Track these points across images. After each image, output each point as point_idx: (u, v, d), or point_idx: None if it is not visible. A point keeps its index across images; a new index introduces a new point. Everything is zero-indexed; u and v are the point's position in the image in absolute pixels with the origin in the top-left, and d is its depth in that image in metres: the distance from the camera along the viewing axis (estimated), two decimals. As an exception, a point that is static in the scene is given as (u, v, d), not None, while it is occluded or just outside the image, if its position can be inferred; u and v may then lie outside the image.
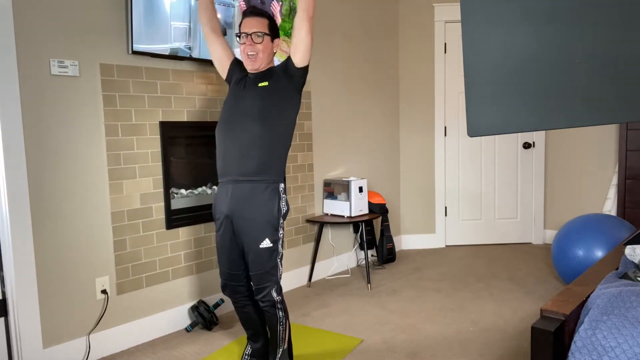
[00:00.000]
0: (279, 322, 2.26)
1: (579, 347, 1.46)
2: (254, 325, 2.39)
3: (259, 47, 2.23)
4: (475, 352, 2.59)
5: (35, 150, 2.38)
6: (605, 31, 0.65)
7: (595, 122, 0.68)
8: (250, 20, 2.25)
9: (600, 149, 4.51)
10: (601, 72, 0.66)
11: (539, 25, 0.69)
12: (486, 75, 0.74)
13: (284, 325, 2.28)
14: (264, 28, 2.24)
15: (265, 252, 2.21)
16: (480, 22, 0.73)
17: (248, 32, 2.23)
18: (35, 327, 2.40)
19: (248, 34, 2.23)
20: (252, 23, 2.24)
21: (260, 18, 2.25)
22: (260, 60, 2.25)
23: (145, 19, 2.65)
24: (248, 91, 2.27)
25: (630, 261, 2.01)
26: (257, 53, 2.23)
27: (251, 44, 2.23)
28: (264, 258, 2.21)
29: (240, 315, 2.39)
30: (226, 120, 2.28)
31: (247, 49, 2.23)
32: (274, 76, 2.26)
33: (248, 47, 2.23)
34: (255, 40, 2.22)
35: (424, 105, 4.70)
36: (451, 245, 4.85)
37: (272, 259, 2.23)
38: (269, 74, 2.28)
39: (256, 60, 2.24)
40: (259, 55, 2.24)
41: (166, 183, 2.88)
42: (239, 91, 2.29)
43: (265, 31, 2.24)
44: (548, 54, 0.69)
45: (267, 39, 2.25)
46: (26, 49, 2.33)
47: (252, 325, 2.39)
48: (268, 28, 2.26)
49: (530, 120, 0.72)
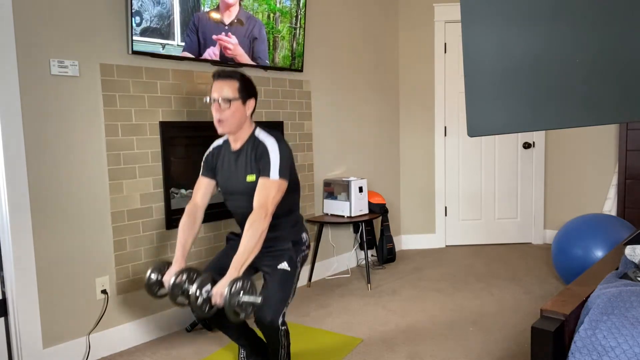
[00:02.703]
0: (281, 346, 2.21)
1: (579, 347, 1.46)
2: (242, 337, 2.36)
3: (226, 113, 2.14)
4: (475, 352, 2.59)
5: (35, 150, 2.38)
6: (605, 31, 0.65)
7: (595, 122, 0.68)
8: (218, 83, 2.16)
9: (600, 149, 4.51)
10: (601, 72, 0.66)
11: (539, 25, 0.69)
12: (486, 75, 0.74)
13: (285, 348, 2.24)
14: (233, 92, 2.14)
15: (281, 272, 2.20)
16: (480, 22, 0.73)
17: (215, 97, 2.15)
18: (35, 327, 2.40)
19: (215, 99, 2.15)
20: (220, 87, 2.15)
21: (229, 81, 2.15)
22: (229, 125, 2.17)
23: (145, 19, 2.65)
24: (235, 181, 2.23)
25: (630, 261, 2.01)
26: (226, 119, 2.15)
27: (218, 110, 2.14)
28: (278, 277, 2.19)
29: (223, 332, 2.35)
30: (224, 191, 2.31)
31: (215, 115, 2.16)
32: (253, 161, 2.18)
33: (216, 113, 2.15)
34: (222, 106, 2.13)
35: (424, 105, 4.70)
36: (451, 245, 4.85)
37: (286, 283, 2.20)
38: (249, 154, 2.20)
39: (224, 126, 2.16)
40: (228, 120, 2.15)
41: (166, 183, 2.88)
42: (226, 172, 2.26)
43: (234, 96, 2.14)
44: (548, 54, 0.69)
45: (236, 104, 2.15)
46: (26, 49, 2.33)
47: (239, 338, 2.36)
48: (238, 91, 2.16)
49: (530, 120, 0.72)
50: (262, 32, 3.27)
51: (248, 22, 3.17)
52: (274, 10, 3.32)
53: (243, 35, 3.15)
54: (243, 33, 3.15)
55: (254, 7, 3.19)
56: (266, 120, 3.45)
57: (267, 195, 2.08)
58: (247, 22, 3.16)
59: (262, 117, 3.42)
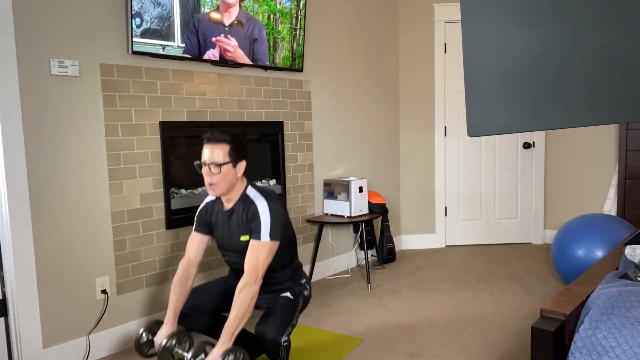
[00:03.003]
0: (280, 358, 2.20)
1: (579, 347, 1.46)
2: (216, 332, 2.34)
3: (218, 177, 2.13)
4: (475, 352, 2.59)
5: (35, 150, 2.38)
6: (605, 31, 0.65)
7: (595, 122, 0.68)
8: (208, 147, 2.15)
9: (600, 149, 4.51)
10: (601, 72, 0.66)
11: (539, 25, 0.69)
12: (486, 75, 0.74)
13: None
14: (223, 156, 2.13)
15: (284, 299, 2.23)
16: (480, 22, 0.73)
17: (206, 162, 2.14)
18: (35, 327, 2.40)
19: (206, 164, 2.14)
20: (210, 151, 2.14)
21: (219, 145, 2.14)
22: (220, 189, 2.16)
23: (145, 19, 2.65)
24: (229, 240, 2.24)
25: (630, 261, 2.01)
26: (217, 182, 2.14)
27: (209, 174, 2.13)
28: (281, 302, 2.22)
29: None
30: (221, 248, 2.33)
31: (206, 179, 2.15)
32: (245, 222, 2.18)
33: (206, 177, 2.15)
34: (213, 171, 2.12)
35: (424, 105, 4.70)
36: (451, 245, 4.85)
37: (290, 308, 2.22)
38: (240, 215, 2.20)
39: (216, 190, 2.16)
40: (220, 184, 2.15)
41: (166, 183, 2.88)
42: (220, 230, 2.27)
43: (224, 160, 2.13)
44: (548, 54, 0.69)
45: (226, 167, 2.14)
46: (26, 49, 2.33)
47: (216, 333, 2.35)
48: (229, 155, 2.15)
49: (530, 120, 0.72)
50: (262, 33, 3.27)
51: (248, 24, 3.17)
52: (274, 11, 3.32)
53: (243, 37, 3.15)
54: (243, 34, 3.15)
55: (254, 8, 3.19)
56: (266, 120, 3.45)
57: (257, 259, 2.09)
58: (247, 24, 3.16)
59: (262, 117, 3.42)
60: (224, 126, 3.16)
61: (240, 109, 3.28)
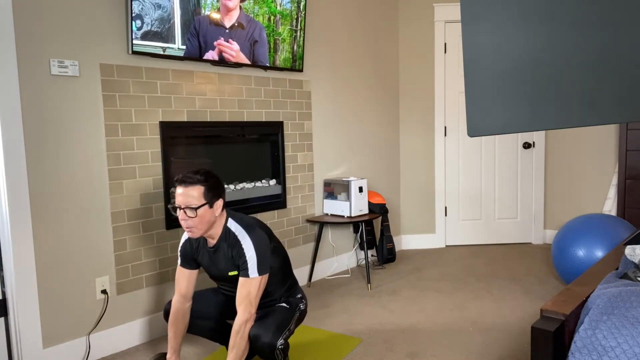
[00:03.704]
0: None
1: (579, 347, 1.46)
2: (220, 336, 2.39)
3: (195, 221, 2.06)
4: (475, 352, 2.59)
5: (35, 150, 2.38)
6: (606, 31, 0.65)
7: (595, 122, 0.68)
8: (182, 191, 2.06)
9: (600, 149, 4.51)
10: (601, 72, 0.66)
11: (539, 25, 0.69)
12: (486, 75, 0.74)
13: None
14: (198, 198, 2.05)
15: (281, 307, 2.26)
16: (480, 22, 0.73)
17: (180, 206, 2.06)
18: (35, 327, 2.40)
19: (181, 208, 2.06)
20: (185, 195, 2.05)
21: (194, 187, 2.05)
22: (199, 231, 2.10)
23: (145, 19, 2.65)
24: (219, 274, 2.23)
25: (630, 261, 2.01)
26: (195, 225, 2.07)
27: (184, 218, 2.06)
28: (278, 310, 2.24)
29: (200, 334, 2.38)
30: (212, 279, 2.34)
31: (183, 223, 2.08)
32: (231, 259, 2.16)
33: (182, 221, 2.08)
34: (189, 214, 2.05)
35: (424, 105, 4.70)
36: (451, 245, 4.85)
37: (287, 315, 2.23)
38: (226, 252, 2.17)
39: (194, 232, 2.09)
40: (197, 227, 2.08)
41: (166, 183, 2.88)
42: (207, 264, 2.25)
43: (200, 203, 2.05)
44: (548, 54, 0.69)
45: (202, 210, 2.06)
46: (26, 49, 2.33)
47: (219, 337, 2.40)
48: (204, 196, 2.06)
49: (530, 120, 0.72)
50: (263, 35, 3.27)
51: (249, 26, 3.17)
52: (274, 13, 3.32)
53: (244, 39, 3.15)
54: (244, 37, 3.15)
55: (255, 10, 3.18)
56: (266, 120, 3.45)
57: (249, 295, 2.09)
58: (247, 26, 3.16)
59: (262, 117, 3.42)
60: (224, 126, 3.16)
61: (240, 109, 3.28)
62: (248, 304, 2.08)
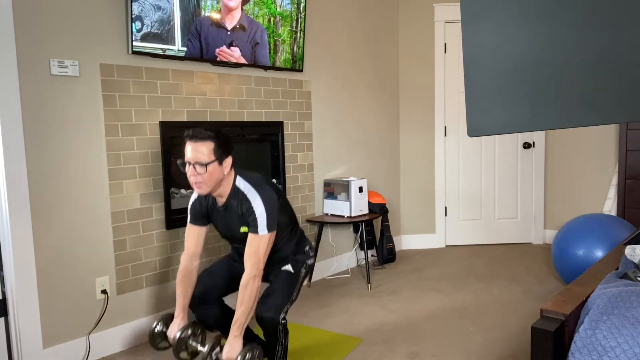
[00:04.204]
0: (279, 342, 2.22)
1: (579, 347, 1.46)
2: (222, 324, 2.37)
3: (204, 176, 2.05)
4: (475, 352, 2.59)
5: (35, 150, 2.38)
6: (605, 31, 0.65)
7: (595, 122, 0.68)
8: (192, 146, 2.05)
9: (600, 149, 4.51)
10: (601, 72, 0.66)
11: (539, 25, 0.69)
12: (486, 75, 0.74)
13: (283, 346, 2.25)
14: (208, 154, 2.04)
15: (285, 273, 2.25)
16: (480, 22, 0.73)
17: (190, 161, 2.05)
18: (35, 327, 2.40)
19: (190, 163, 2.05)
20: (195, 150, 2.04)
21: (203, 142, 2.04)
22: (207, 187, 2.08)
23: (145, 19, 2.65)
24: (231, 232, 2.23)
25: (630, 261, 2.01)
26: (204, 181, 2.06)
27: (194, 174, 2.05)
28: (282, 277, 2.24)
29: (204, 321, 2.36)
30: (225, 238, 2.34)
31: (192, 178, 2.07)
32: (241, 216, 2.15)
33: (191, 176, 2.06)
34: (198, 171, 2.04)
35: (424, 105, 4.70)
36: (451, 245, 4.85)
37: (290, 284, 2.24)
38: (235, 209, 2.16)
39: (202, 188, 2.08)
40: (206, 183, 2.07)
41: (166, 183, 2.88)
42: (219, 222, 2.25)
43: (209, 159, 2.03)
44: (548, 54, 0.69)
45: (212, 166, 2.04)
46: (26, 49, 2.33)
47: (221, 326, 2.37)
48: (214, 152, 2.05)
49: (530, 120, 0.72)
50: (264, 37, 3.27)
51: (250, 27, 3.16)
52: (274, 14, 3.32)
53: (245, 41, 3.15)
54: (245, 39, 3.15)
55: (255, 12, 3.18)
56: (266, 120, 3.45)
57: (257, 252, 2.10)
58: (249, 28, 3.16)
59: (262, 117, 3.42)
60: (224, 126, 3.16)
61: (240, 109, 3.28)
62: (256, 261, 2.08)
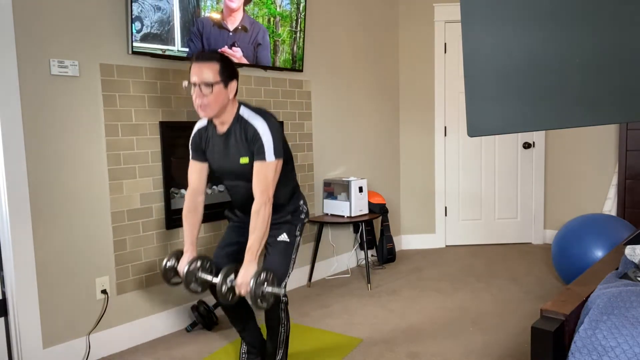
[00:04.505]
0: (281, 324, 2.25)
1: (579, 347, 1.46)
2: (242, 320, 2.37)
3: (209, 98, 2.03)
4: (475, 352, 2.59)
5: (35, 150, 2.38)
6: (605, 32, 0.65)
7: (594, 122, 0.68)
8: (197, 67, 2.03)
9: (600, 149, 4.51)
10: (601, 73, 0.66)
11: (539, 26, 0.69)
12: (486, 76, 0.74)
13: (285, 327, 2.28)
14: (214, 75, 2.02)
15: (282, 244, 2.24)
16: (480, 22, 0.73)
17: (196, 82, 2.03)
18: (35, 327, 2.40)
19: (196, 84, 2.04)
20: (200, 71, 2.03)
21: (209, 63, 2.03)
22: (212, 110, 2.06)
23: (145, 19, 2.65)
24: (228, 164, 2.19)
25: (630, 261, 2.01)
26: (208, 103, 2.04)
27: (199, 95, 2.03)
28: (279, 249, 2.24)
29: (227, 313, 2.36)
30: (219, 174, 2.29)
31: (197, 100, 2.05)
32: (244, 143, 2.12)
33: (197, 98, 2.05)
34: (204, 91, 2.02)
35: (424, 105, 4.70)
36: (451, 245, 4.85)
37: (286, 255, 2.25)
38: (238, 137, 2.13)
39: (207, 111, 2.06)
40: (211, 105, 2.05)
41: (166, 183, 2.88)
42: (217, 155, 2.22)
43: (215, 79, 2.02)
44: (548, 55, 0.69)
45: (218, 87, 2.03)
46: (26, 49, 2.33)
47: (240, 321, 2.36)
48: (219, 74, 2.04)
49: (530, 120, 0.72)
50: (266, 38, 3.27)
51: (252, 28, 3.16)
52: (274, 14, 3.32)
53: (247, 42, 3.15)
54: (247, 40, 3.15)
55: (255, 12, 3.18)
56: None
57: (266, 179, 2.09)
58: (251, 29, 3.16)
59: (262, 117, 3.42)
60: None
61: (240, 109, 3.28)
62: (265, 188, 2.08)
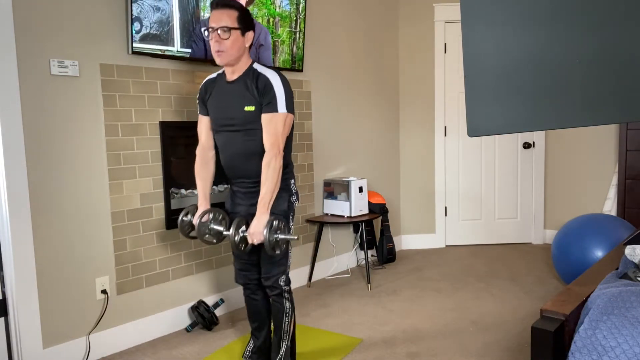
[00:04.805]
0: (285, 313, 2.28)
1: (579, 347, 1.46)
2: (260, 318, 2.40)
3: (226, 44, 2.07)
4: (475, 352, 2.59)
5: (35, 150, 2.38)
6: (605, 32, 0.65)
7: (594, 122, 0.68)
8: (217, 13, 2.08)
9: (600, 149, 4.51)
10: (601, 73, 0.66)
11: (539, 26, 0.69)
12: (486, 76, 0.74)
13: (290, 317, 2.29)
14: (232, 21, 2.07)
15: None
16: (480, 22, 0.73)
17: (214, 26, 2.07)
18: (35, 327, 2.40)
19: (214, 29, 2.07)
20: (219, 16, 2.07)
21: (228, 10, 2.08)
22: (228, 56, 2.10)
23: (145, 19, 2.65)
24: (230, 110, 2.17)
25: (630, 261, 2.01)
26: (226, 49, 2.08)
27: (218, 40, 2.07)
28: None
29: (248, 305, 2.40)
30: (216, 125, 2.26)
31: (215, 45, 2.08)
32: (254, 91, 2.11)
33: (215, 43, 2.08)
34: (222, 36, 2.06)
35: (424, 105, 4.70)
36: (451, 245, 4.85)
37: None
38: (248, 85, 2.13)
39: (223, 57, 2.09)
40: (228, 51, 2.08)
41: (166, 183, 2.88)
42: (219, 102, 2.21)
43: (233, 25, 2.07)
44: (548, 55, 0.69)
45: (235, 34, 2.08)
46: (26, 49, 2.33)
47: (258, 318, 2.40)
48: (237, 21, 2.08)
49: (530, 120, 0.72)
50: (268, 38, 3.27)
51: (255, 29, 3.16)
52: (273, 14, 3.31)
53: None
54: (250, 41, 3.16)
55: (254, 13, 3.18)
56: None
57: (276, 130, 2.09)
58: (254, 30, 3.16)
59: (262, 117, 3.42)
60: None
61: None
62: (275, 140, 2.09)
